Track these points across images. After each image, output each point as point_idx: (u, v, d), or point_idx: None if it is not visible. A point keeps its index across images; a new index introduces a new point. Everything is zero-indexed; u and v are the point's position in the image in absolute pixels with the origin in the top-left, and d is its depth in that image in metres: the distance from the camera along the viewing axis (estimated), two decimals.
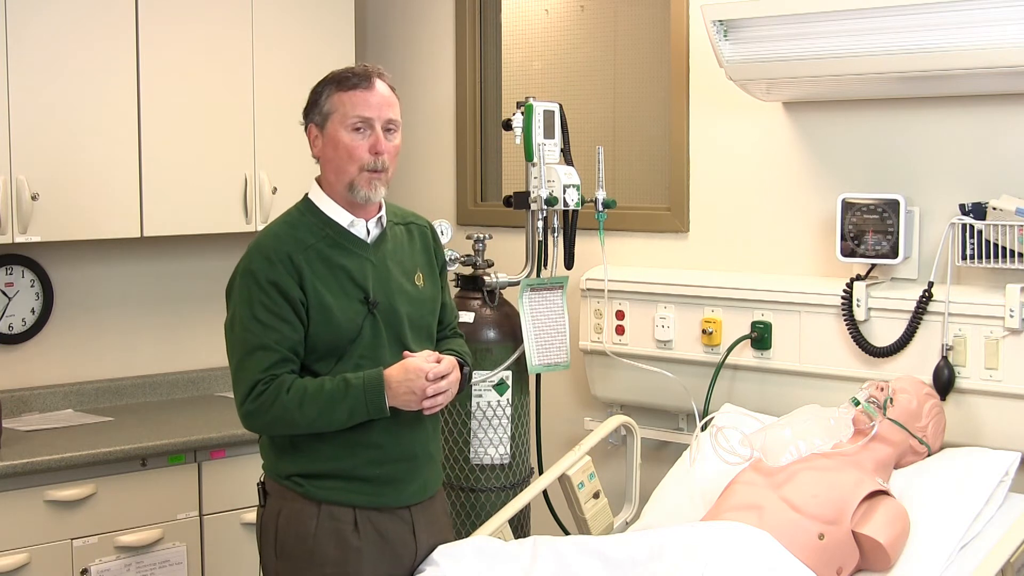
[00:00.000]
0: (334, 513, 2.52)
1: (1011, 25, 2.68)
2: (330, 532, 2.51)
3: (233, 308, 2.54)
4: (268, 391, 2.45)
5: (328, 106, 2.53)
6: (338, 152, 2.53)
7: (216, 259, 4.21)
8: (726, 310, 3.31)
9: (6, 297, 3.74)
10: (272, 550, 2.56)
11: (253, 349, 2.46)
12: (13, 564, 3.19)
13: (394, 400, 2.48)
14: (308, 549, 2.51)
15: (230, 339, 2.54)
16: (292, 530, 2.52)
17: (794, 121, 3.35)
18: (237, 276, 2.54)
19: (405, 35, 4.41)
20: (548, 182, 3.22)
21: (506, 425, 3.20)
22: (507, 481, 3.24)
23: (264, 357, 2.46)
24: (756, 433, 2.80)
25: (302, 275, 2.48)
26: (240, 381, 2.49)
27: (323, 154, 2.57)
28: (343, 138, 2.52)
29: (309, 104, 2.58)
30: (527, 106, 3.24)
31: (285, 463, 2.55)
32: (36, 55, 3.45)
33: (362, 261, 2.55)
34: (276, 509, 2.55)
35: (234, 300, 2.54)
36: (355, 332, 2.52)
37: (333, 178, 2.56)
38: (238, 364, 2.50)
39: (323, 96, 2.55)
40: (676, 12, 3.56)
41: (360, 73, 2.55)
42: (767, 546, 2.48)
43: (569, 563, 2.51)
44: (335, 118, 2.52)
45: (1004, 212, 2.85)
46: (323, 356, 2.51)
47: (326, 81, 2.57)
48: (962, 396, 2.92)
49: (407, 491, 2.58)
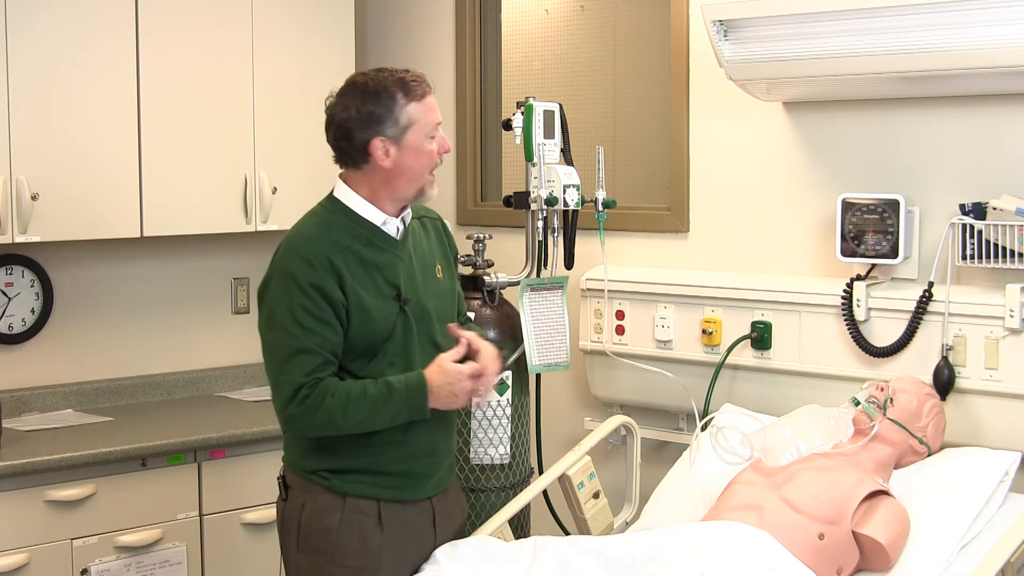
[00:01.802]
0: (359, 506, 2.55)
1: (1011, 25, 2.68)
2: (354, 525, 2.54)
3: (270, 310, 2.51)
4: (313, 395, 2.46)
5: (405, 118, 2.51)
6: (419, 160, 2.54)
7: (216, 259, 4.22)
8: (726, 310, 3.31)
9: (6, 297, 3.74)
10: (294, 543, 2.58)
11: (295, 352, 2.46)
12: (13, 564, 3.19)
13: (435, 402, 2.52)
14: (332, 542, 2.54)
15: (269, 341, 2.52)
16: (316, 523, 2.55)
17: (794, 121, 3.35)
18: (274, 278, 2.52)
19: (405, 35, 4.41)
20: (548, 182, 3.22)
21: (506, 425, 3.20)
22: (507, 481, 3.24)
23: (307, 361, 2.46)
24: (756, 433, 2.80)
25: (342, 278, 2.49)
26: (282, 385, 2.48)
27: (397, 164, 2.53)
28: (426, 146, 2.54)
29: (371, 117, 2.50)
30: (527, 106, 3.24)
31: (311, 459, 2.58)
32: (36, 55, 3.45)
33: (394, 259, 2.57)
34: (299, 502, 2.57)
35: (271, 302, 2.52)
36: (389, 331, 2.54)
37: (403, 184, 2.55)
38: (280, 368, 2.48)
39: (395, 108, 2.50)
40: (676, 12, 3.56)
41: (418, 79, 2.55)
42: (767, 546, 2.48)
43: (569, 563, 2.52)
44: (416, 129, 2.52)
45: (1004, 212, 2.85)
46: (358, 356, 2.53)
47: (385, 92, 2.50)
48: (962, 396, 2.92)
49: (428, 483, 2.63)
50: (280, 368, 2.48)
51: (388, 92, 2.50)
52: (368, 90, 2.51)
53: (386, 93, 2.50)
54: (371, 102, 2.50)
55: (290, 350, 2.46)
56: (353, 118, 2.51)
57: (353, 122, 2.51)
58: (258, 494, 3.63)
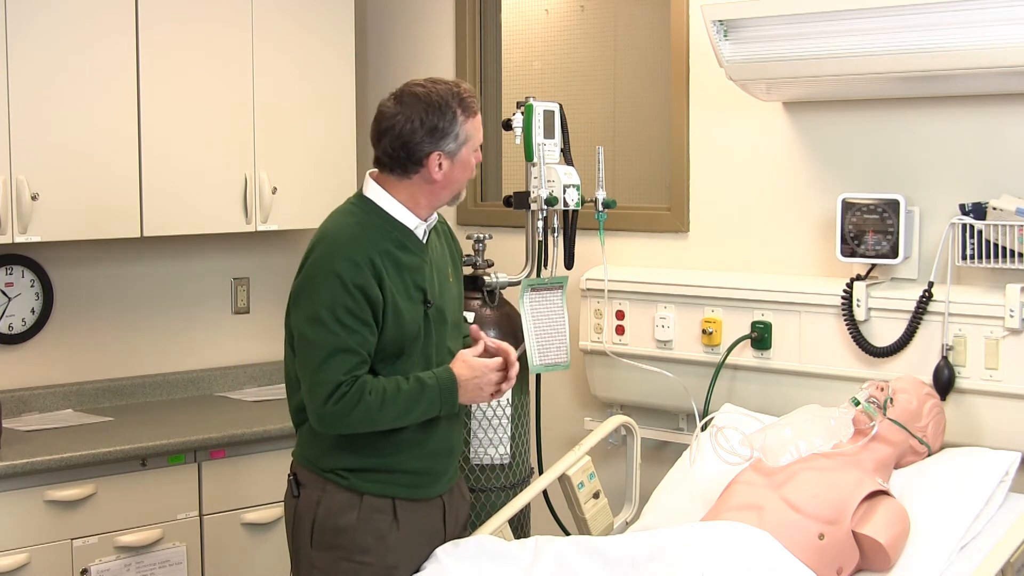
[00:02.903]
0: (375, 504, 2.58)
1: (1011, 25, 2.68)
2: (370, 523, 2.58)
3: (312, 308, 2.50)
4: (351, 393, 2.47)
5: (463, 135, 2.56)
6: (464, 174, 2.61)
7: (216, 259, 4.22)
8: (726, 310, 3.31)
9: (6, 297, 3.74)
10: (307, 540, 2.60)
11: (336, 351, 2.47)
12: (13, 564, 3.19)
13: (463, 397, 2.58)
14: (348, 540, 2.57)
15: (309, 339, 2.51)
16: (332, 522, 2.57)
17: (794, 121, 3.35)
18: (317, 277, 2.51)
19: (405, 35, 4.41)
20: (548, 182, 3.22)
21: (506, 425, 3.20)
22: (507, 481, 3.24)
23: (347, 360, 2.47)
24: (756, 433, 2.80)
25: (382, 279, 2.51)
26: (320, 383, 2.48)
27: (447, 177, 2.58)
28: (471, 160, 2.61)
29: (434, 131, 2.53)
30: (527, 106, 3.24)
31: (329, 457, 2.60)
32: (36, 55, 3.45)
33: (421, 263, 2.61)
34: (313, 499, 2.59)
35: (313, 300, 2.51)
36: (416, 333, 2.58)
37: (446, 195, 2.62)
38: (318, 366, 2.49)
39: (455, 125, 2.54)
40: (676, 12, 3.56)
41: (473, 95, 2.60)
42: (767, 546, 2.48)
43: (570, 563, 2.52)
44: (470, 144, 2.59)
45: (1004, 212, 2.85)
46: (387, 357, 2.55)
47: (448, 107, 2.54)
48: (962, 396, 2.92)
49: (442, 481, 2.68)
50: (319, 366, 2.48)
51: (450, 108, 2.55)
52: (432, 103, 2.54)
53: (448, 108, 2.54)
54: (435, 116, 2.53)
55: (330, 348, 2.47)
56: (417, 130, 2.53)
57: (416, 134, 2.53)
58: (258, 494, 3.63)
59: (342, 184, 4.08)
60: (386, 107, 2.58)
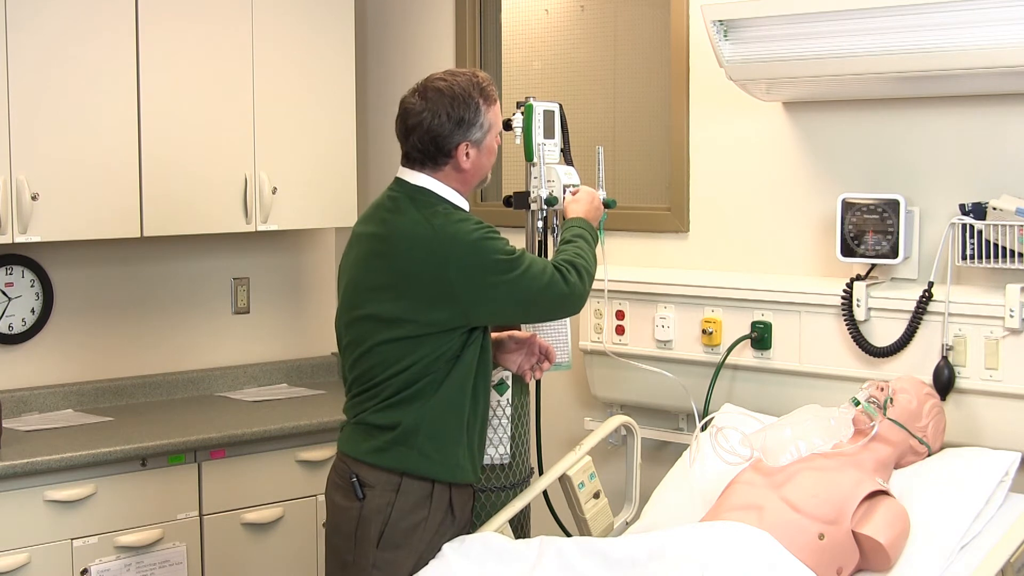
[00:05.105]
0: (440, 494, 2.67)
1: (1011, 25, 2.68)
2: (437, 514, 2.66)
3: (491, 259, 2.62)
4: (562, 265, 2.69)
5: (487, 123, 2.68)
6: (489, 160, 2.74)
7: (216, 259, 4.22)
8: (726, 310, 3.31)
9: (6, 297, 3.74)
10: (373, 542, 2.64)
11: (528, 256, 2.67)
12: (13, 564, 3.19)
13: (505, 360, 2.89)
14: (418, 536, 2.64)
15: (520, 268, 2.63)
16: (404, 522, 2.63)
17: (794, 121, 3.35)
18: (479, 244, 2.61)
19: (405, 35, 4.41)
20: (548, 182, 3.21)
21: (506, 425, 3.20)
22: (507, 481, 3.24)
23: (537, 257, 2.71)
24: (756, 433, 2.80)
25: None
26: (550, 277, 2.66)
27: (475, 164, 2.70)
28: (494, 145, 2.74)
29: (461, 123, 2.64)
30: (527, 106, 3.23)
31: (392, 455, 2.65)
32: (36, 54, 3.45)
33: None
34: (384, 501, 2.63)
35: (487, 255, 2.62)
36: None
37: (475, 181, 2.74)
38: (539, 271, 2.65)
39: (479, 114, 2.66)
40: (676, 12, 3.56)
41: (490, 83, 2.71)
42: (767, 546, 2.48)
43: (572, 563, 2.53)
44: (492, 131, 2.71)
45: (1004, 212, 2.85)
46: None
47: (471, 98, 2.65)
48: (962, 396, 2.92)
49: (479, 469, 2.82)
50: (539, 271, 2.65)
51: (473, 99, 2.66)
52: (456, 96, 2.64)
53: (472, 99, 2.65)
54: (460, 108, 2.64)
55: (528, 257, 2.67)
56: (445, 124, 2.64)
57: (445, 128, 2.64)
58: (258, 494, 3.63)
59: (342, 184, 4.09)
60: (411, 104, 2.66)
